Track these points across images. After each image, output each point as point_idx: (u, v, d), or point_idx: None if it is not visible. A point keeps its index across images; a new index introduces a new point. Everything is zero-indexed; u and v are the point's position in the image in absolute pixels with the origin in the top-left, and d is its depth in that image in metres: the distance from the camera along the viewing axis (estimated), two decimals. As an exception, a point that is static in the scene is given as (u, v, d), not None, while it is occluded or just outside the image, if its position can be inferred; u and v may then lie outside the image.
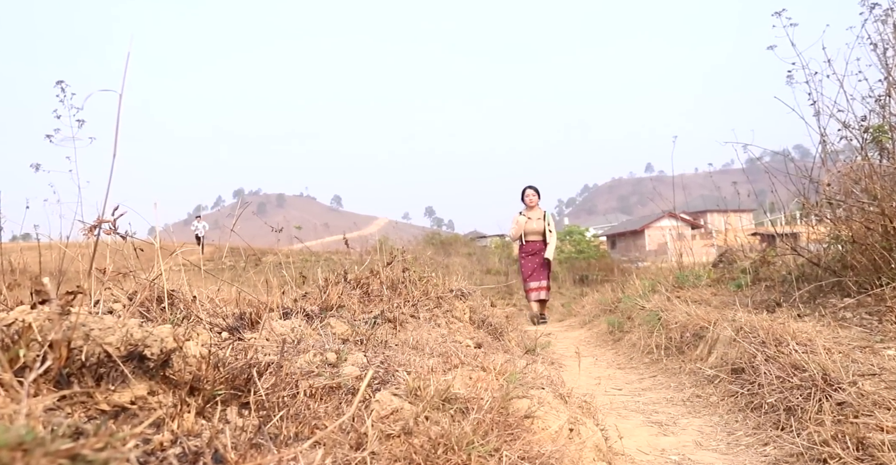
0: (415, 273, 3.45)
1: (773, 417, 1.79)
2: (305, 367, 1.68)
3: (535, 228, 7.08)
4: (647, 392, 2.58)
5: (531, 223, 7.07)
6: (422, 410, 1.39)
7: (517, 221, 7.13)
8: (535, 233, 7.10)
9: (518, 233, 7.13)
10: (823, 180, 3.07)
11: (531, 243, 7.12)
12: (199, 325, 1.88)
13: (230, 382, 1.24)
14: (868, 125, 2.84)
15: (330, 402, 1.47)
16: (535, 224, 7.10)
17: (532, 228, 7.07)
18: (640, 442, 1.83)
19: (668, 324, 3.39)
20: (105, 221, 1.76)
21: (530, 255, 7.13)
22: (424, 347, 2.29)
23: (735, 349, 2.38)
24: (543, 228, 7.08)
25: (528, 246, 7.14)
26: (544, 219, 7.16)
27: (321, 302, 2.60)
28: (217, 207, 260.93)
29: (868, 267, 2.69)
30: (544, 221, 7.15)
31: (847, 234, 2.88)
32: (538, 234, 7.10)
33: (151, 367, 0.98)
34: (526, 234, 7.08)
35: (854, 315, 2.49)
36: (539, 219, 7.13)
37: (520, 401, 1.61)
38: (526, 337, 3.96)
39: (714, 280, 4.72)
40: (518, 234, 7.14)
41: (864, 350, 1.96)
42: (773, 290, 3.41)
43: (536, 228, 7.08)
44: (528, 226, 7.05)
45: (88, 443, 0.49)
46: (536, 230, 7.08)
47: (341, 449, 1.20)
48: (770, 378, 1.92)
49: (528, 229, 7.06)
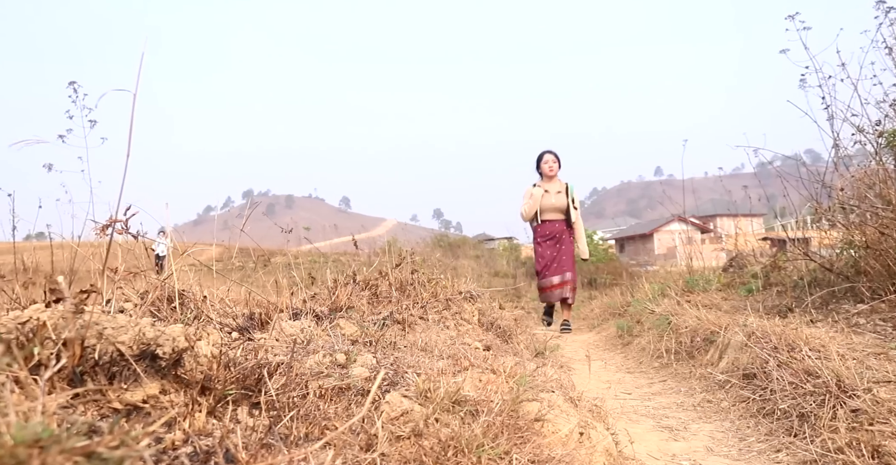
0: (423, 275, 3.45)
1: (785, 423, 1.77)
2: (315, 368, 1.68)
3: (554, 203, 5.50)
4: (657, 397, 2.57)
5: (549, 198, 5.49)
6: (432, 412, 1.38)
7: (531, 195, 5.50)
8: (554, 210, 5.52)
9: (532, 210, 5.51)
10: (837, 185, 3.04)
11: (549, 224, 5.55)
12: (210, 325, 1.88)
13: (241, 382, 1.24)
14: (883, 130, 2.82)
15: (340, 403, 1.47)
16: (555, 199, 5.50)
17: (550, 203, 5.49)
18: (650, 447, 1.81)
19: (678, 328, 3.36)
20: (117, 221, 1.77)
21: (548, 239, 5.52)
22: (433, 349, 2.29)
23: (746, 355, 2.36)
24: (566, 204, 5.51)
25: (545, 227, 5.55)
26: (566, 193, 5.55)
27: (330, 303, 2.60)
28: (227, 207, 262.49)
29: (882, 273, 2.67)
30: (566, 195, 5.54)
31: (861, 239, 2.86)
32: (559, 211, 5.53)
33: (163, 366, 0.98)
34: (542, 211, 5.52)
35: (868, 321, 2.46)
36: (560, 192, 5.53)
37: (530, 404, 1.60)
38: (535, 340, 3.94)
39: (724, 285, 4.69)
40: (532, 211, 5.52)
41: (879, 357, 1.94)
42: (785, 295, 3.38)
43: (556, 204, 5.50)
44: (546, 201, 5.49)
45: (104, 441, 0.49)
46: (557, 207, 5.51)
47: (351, 450, 1.20)
48: (782, 384, 1.90)
49: (545, 205, 5.50)
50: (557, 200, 5.53)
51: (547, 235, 5.55)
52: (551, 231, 5.54)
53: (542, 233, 5.58)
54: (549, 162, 5.59)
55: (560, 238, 5.51)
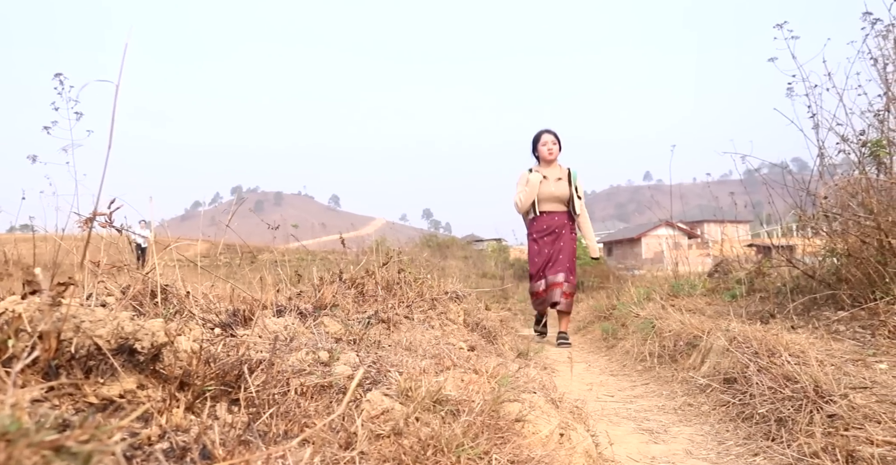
0: (410, 274, 3.45)
1: (763, 427, 1.78)
2: (297, 365, 1.68)
3: (553, 192, 4.62)
4: (639, 400, 2.58)
5: (548, 185, 4.62)
6: (412, 411, 1.38)
7: (528, 181, 4.63)
8: (554, 200, 4.65)
9: (529, 200, 4.64)
10: (820, 193, 3.08)
11: (548, 216, 4.66)
12: (192, 320, 1.87)
13: (221, 378, 1.23)
14: (866, 140, 2.86)
15: (321, 400, 1.47)
16: (555, 187, 4.63)
17: (550, 192, 4.62)
18: (630, 449, 1.82)
19: (661, 332, 3.39)
20: (100, 214, 1.75)
21: (546, 234, 4.64)
22: (418, 348, 2.29)
23: (728, 359, 2.38)
24: (568, 192, 4.64)
25: (543, 220, 4.66)
26: (569, 180, 4.67)
27: (315, 301, 2.59)
28: (214, 203, 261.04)
29: (862, 281, 2.70)
30: (569, 183, 4.66)
31: (843, 247, 2.89)
32: (559, 202, 4.66)
33: (141, 361, 0.97)
34: (540, 201, 4.66)
35: (847, 328, 2.50)
36: (560, 179, 4.65)
37: (511, 405, 1.61)
38: (520, 341, 3.95)
39: (709, 290, 4.73)
40: (529, 201, 4.64)
41: (857, 363, 1.96)
42: (768, 301, 3.42)
43: (557, 193, 4.63)
44: (545, 189, 4.62)
45: (73, 435, 0.48)
46: (557, 196, 4.64)
47: (330, 448, 1.20)
48: (762, 389, 1.92)
49: (543, 194, 4.63)
50: (558, 188, 4.62)
51: (544, 229, 4.65)
52: (550, 225, 4.64)
53: (538, 227, 4.67)
54: (548, 143, 4.68)
55: (560, 233, 4.62)
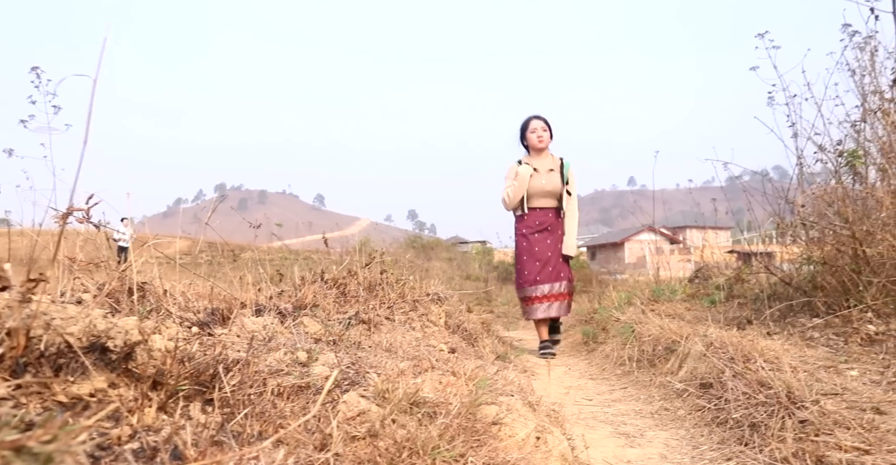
0: (392, 275, 3.45)
1: (737, 432, 1.81)
2: (275, 365, 1.67)
3: (544, 186, 4.17)
4: (617, 403, 2.60)
5: (538, 178, 4.16)
6: (389, 413, 1.38)
7: (518, 174, 4.17)
8: (545, 195, 4.19)
9: (518, 195, 4.18)
10: (798, 202, 3.13)
11: (540, 213, 4.21)
12: (169, 319, 1.85)
13: (195, 377, 1.22)
14: (843, 149, 2.91)
15: (297, 401, 1.46)
16: (547, 180, 4.17)
17: (541, 186, 4.17)
18: (606, 453, 1.84)
19: (641, 337, 3.42)
20: (77, 210, 1.73)
21: (538, 232, 4.18)
22: (398, 350, 2.29)
23: (705, 364, 2.41)
24: (560, 186, 4.20)
25: (534, 217, 4.21)
26: (561, 171, 4.22)
27: (295, 300, 2.58)
28: (198, 200, 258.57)
29: (837, 289, 2.75)
30: (561, 175, 4.21)
31: (819, 255, 2.94)
32: (551, 196, 4.20)
33: (114, 359, 0.96)
34: (530, 196, 4.19)
35: (821, 335, 2.54)
36: (552, 171, 4.20)
37: (488, 407, 1.61)
38: (500, 344, 3.97)
39: (689, 295, 4.78)
40: (518, 196, 4.18)
41: (829, 370, 2.00)
42: (746, 307, 3.46)
43: (548, 187, 4.17)
44: (535, 183, 4.16)
45: (35, 435, 0.48)
46: (549, 190, 4.18)
47: (305, 449, 1.19)
48: (737, 394, 1.94)
49: (534, 189, 4.17)
50: (549, 181, 4.17)
51: (536, 226, 4.18)
52: (542, 222, 4.18)
53: (529, 224, 4.20)
54: (538, 130, 4.19)
55: (553, 232, 4.18)
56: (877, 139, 2.80)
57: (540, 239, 4.17)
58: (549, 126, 4.28)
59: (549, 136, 4.27)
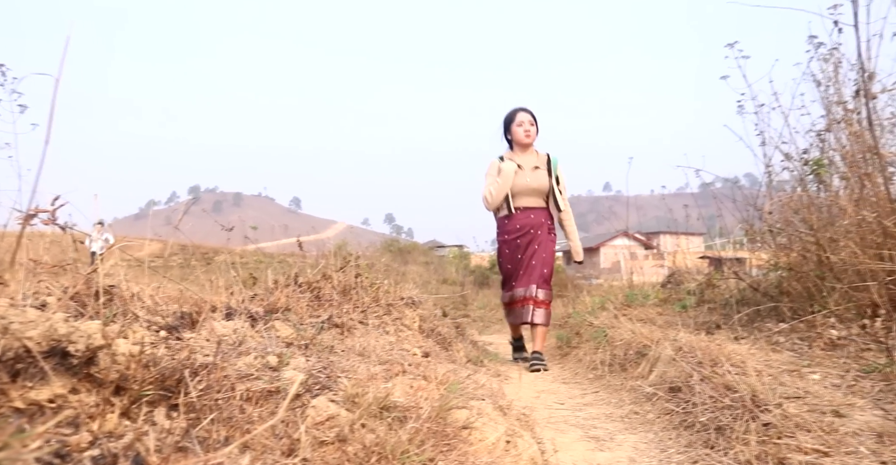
0: (367, 279, 3.43)
1: (704, 435, 1.84)
2: (244, 370, 1.65)
3: (530, 183, 3.83)
4: (588, 407, 2.62)
5: (523, 176, 3.82)
6: (358, 417, 1.38)
7: (501, 170, 3.83)
8: (531, 193, 3.86)
9: (501, 194, 3.83)
10: (765, 209, 3.20)
11: (523, 214, 3.86)
12: (136, 322, 1.82)
13: (161, 382, 1.20)
14: (809, 158, 2.99)
15: (266, 406, 1.45)
16: (532, 177, 3.84)
17: (525, 184, 3.83)
18: (576, 456, 1.85)
19: (613, 341, 3.45)
20: (42, 211, 1.69)
21: (521, 235, 3.83)
22: (371, 354, 2.28)
23: (674, 368, 2.44)
24: (547, 184, 3.85)
25: (517, 218, 3.85)
26: (548, 169, 3.88)
27: (267, 304, 2.56)
28: (171, 202, 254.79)
29: (802, 294, 2.82)
30: (548, 172, 3.87)
31: (785, 261, 3.01)
32: (538, 195, 3.87)
33: (75, 364, 0.95)
34: (514, 195, 3.85)
35: (787, 340, 2.59)
36: (538, 168, 3.86)
37: (459, 412, 1.62)
38: (474, 348, 3.98)
39: (662, 300, 4.85)
40: (501, 196, 3.84)
41: (792, 374, 2.05)
42: (716, 312, 3.52)
43: (534, 185, 3.84)
44: (519, 181, 3.82)
45: (-15, 441, 0.47)
46: (534, 188, 3.84)
47: (272, 455, 1.18)
48: (704, 398, 1.98)
49: (518, 187, 3.83)
50: (535, 178, 3.81)
51: (518, 229, 3.82)
52: (525, 224, 3.81)
53: (511, 227, 3.84)
54: (525, 123, 3.83)
55: (535, 234, 3.80)
56: (840, 149, 2.88)
57: (521, 245, 3.83)
58: (536, 120, 3.91)
59: (536, 130, 3.90)
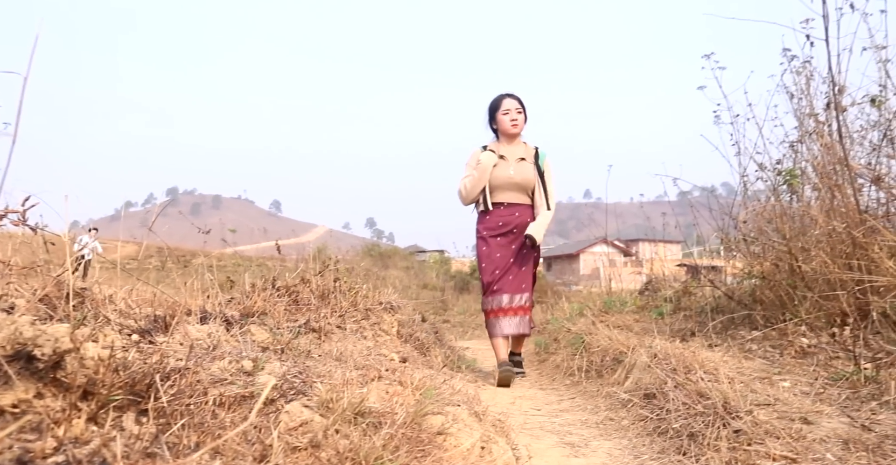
0: (345, 283, 3.42)
1: (677, 442, 1.85)
2: (218, 374, 1.63)
3: (513, 177, 3.48)
4: (564, 413, 2.64)
5: (505, 168, 3.47)
6: (332, 423, 1.37)
7: (479, 161, 3.46)
8: (514, 188, 3.50)
9: (477, 187, 3.48)
10: (740, 218, 3.26)
11: (505, 210, 3.50)
12: (108, 326, 1.79)
13: (131, 387, 1.18)
14: (782, 168, 3.05)
15: (239, 411, 1.43)
16: (516, 170, 3.48)
17: (508, 177, 3.47)
18: (550, 463, 1.86)
19: (590, 347, 3.48)
20: (12, 212, 1.66)
21: (502, 234, 3.48)
22: (348, 359, 2.27)
23: (649, 375, 2.47)
24: (532, 179, 3.50)
25: (498, 215, 3.50)
26: (535, 162, 3.52)
27: (243, 308, 2.53)
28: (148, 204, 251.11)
29: (775, 302, 2.87)
30: (535, 166, 3.52)
31: (759, 270, 3.07)
32: (521, 191, 3.51)
33: (41, 368, 0.93)
34: (495, 189, 3.50)
35: (759, 347, 2.64)
36: (523, 160, 3.51)
37: (434, 417, 1.61)
38: (451, 353, 3.97)
39: (639, 307, 4.89)
40: (477, 189, 3.49)
41: (763, 381, 2.08)
42: (691, 319, 3.57)
43: (517, 179, 3.48)
44: (501, 173, 3.46)
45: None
46: (518, 183, 3.49)
47: (244, 461, 1.17)
48: (677, 404, 2.00)
49: (499, 180, 3.47)
50: (519, 171, 3.45)
51: (498, 228, 3.46)
52: (508, 222, 3.45)
53: (492, 224, 3.47)
54: (512, 111, 3.45)
55: (518, 234, 3.44)
56: (812, 159, 2.94)
57: (503, 244, 3.45)
58: (525, 107, 3.52)
59: (524, 119, 3.52)
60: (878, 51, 2.73)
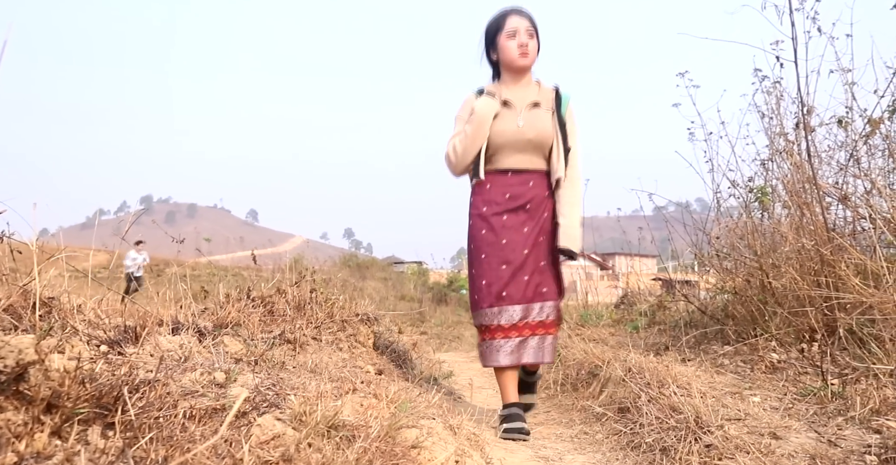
0: (321, 294, 3.39)
1: (649, 456, 1.87)
2: (189, 386, 1.60)
3: (522, 132, 2.31)
4: (538, 427, 2.64)
5: (510, 119, 2.32)
6: (305, 436, 1.35)
7: (472, 112, 2.30)
8: (524, 148, 2.33)
9: (472, 148, 2.32)
10: (713, 234, 3.32)
11: (512, 179, 2.35)
12: (76, 336, 1.76)
13: (97, 400, 1.16)
14: (753, 186, 3.12)
15: (210, 425, 1.41)
16: (527, 120, 2.32)
17: (515, 132, 2.32)
18: (524, 477, 1.86)
19: (566, 361, 3.49)
20: (-22, 218, 1.62)
21: (508, 212, 2.33)
22: (323, 371, 2.25)
23: (623, 389, 2.48)
24: (549, 133, 2.33)
25: (501, 185, 2.35)
26: (553, 109, 2.36)
27: (217, 318, 2.50)
28: (120, 212, 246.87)
29: (746, 318, 2.91)
30: (552, 114, 2.35)
31: (731, 285, 3.12)
32: (535, 152, 2.35)
33: (3, 381, 0.91)
34: (498, 150, 2.35)
35: (731, 362, 2.67)
36: (537, 105, 2.35)
37: (409, 431, 1.61)
38: (429, 367, 3.95)
39: (615, 321, 4.93)
40: (472, 151, 2.33)
41: (734, 396, 2.11)
42: (665, 333, 3.60)
43: (529, 135, 2.32)
44: (505, 126, 2.31)
45: None
46: (529, 140, 2.32)
47: (213, 476, 1.15)
48: (650, 419, 2.01)
49: (503, 137, 2.32)
50: (532, 123, 2.34)
51: (507, 200, 2.35)
52: (518, 193, 2.35)
53: (493, 197, 2.37)
54: (521, 33, 2.30)
55: (535, 213, 2.36)
56: (783, 178, 3.02)
57: (511, 225, 2.33)
58: (538, 30, 2.37)
59: (537, 46, 2.37)
60: (845, 73, 2.82)
